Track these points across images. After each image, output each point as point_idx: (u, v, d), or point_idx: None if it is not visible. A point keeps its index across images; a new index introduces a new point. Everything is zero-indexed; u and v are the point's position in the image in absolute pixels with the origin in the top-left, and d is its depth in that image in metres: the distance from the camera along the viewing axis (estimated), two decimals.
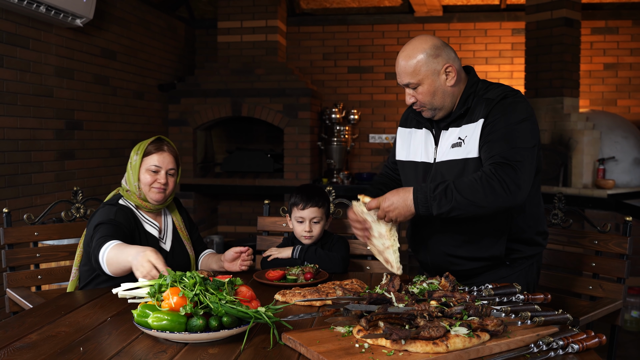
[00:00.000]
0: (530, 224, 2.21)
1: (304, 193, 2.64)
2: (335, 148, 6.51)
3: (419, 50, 2.11)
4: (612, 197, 4.94)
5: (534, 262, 2.28)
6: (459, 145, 2.13)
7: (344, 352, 1.47)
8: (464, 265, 2.22)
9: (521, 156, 1.99)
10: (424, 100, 2.14)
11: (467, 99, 2.15)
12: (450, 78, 2.12)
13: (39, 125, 4.30)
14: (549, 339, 1.53)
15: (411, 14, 6.78)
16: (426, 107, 2.16)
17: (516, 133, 2.03)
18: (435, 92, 2.12)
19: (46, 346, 1.60)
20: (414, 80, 2.11)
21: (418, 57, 2.10)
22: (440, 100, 2.14)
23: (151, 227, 2.41)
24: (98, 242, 2.14)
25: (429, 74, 2.10)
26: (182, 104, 6.41)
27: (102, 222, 2.23)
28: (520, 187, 1.96)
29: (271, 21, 6.45)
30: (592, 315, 2.51)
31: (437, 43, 2.13)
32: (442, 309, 1.61)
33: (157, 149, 2.38)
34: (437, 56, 2.11)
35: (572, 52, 5.48)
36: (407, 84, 2.14)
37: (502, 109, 2.07)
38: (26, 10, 3.95)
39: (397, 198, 2.03)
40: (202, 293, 1.61)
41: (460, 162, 2.12)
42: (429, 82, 2.11)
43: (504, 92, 2.12)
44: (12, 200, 4.01)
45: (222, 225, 7.17)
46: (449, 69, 2.12)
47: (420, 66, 2.10)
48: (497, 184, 1.94)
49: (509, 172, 1.95)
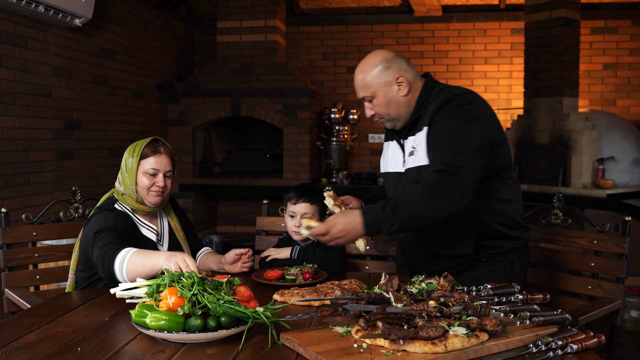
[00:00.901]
0: (499, 220, 2.22)
1: (298, 189, 2.67)
2: (335, 148, 6.51)
3: (371, 64, 2.22)
4: (612, 197, 4.94)
5: (516, 258, 2.28)
6: (413, 154, 2.21)
7: (343, 352, 1.47)
8: (440, 265, 2.26)
9: (461, 161, 2.03)
10: (380, 111, 2.24)
11: (420, 106, 2.22)
12: (403, 88, 2.21)
13: (37, 125, 4.30)
14: (547, 339, 1.53)
15: (410, 14, 6.78)
16: (385, 118, 2.26)
17: (456, 138, 2.07)
18: (390, 102, 2.22)
19: (44, 346, 1.59)
20: (368, 93, 2.22)
21: (370, 70, 2.21)
22: (395, 111, 2.23)
23: (148, 231, 2.39)
24: (108, 251, 2.08)
25: (381, 85, 2.20)
26: (181, 103, 6.41)
27: (103, 229, 2.19)
28: (463, 192, 2.01)
29: (270, 21, 6.45)
30: (591, 315, 2.51)
31: (387, 56, 2.23)
32: (440, 309, 1.61)
33: (153, 152, 2.34)
34: (387, 68, 2.20)
35: (571, 52, 5.48)
36: (364, 98, 2.25)
37: (444, 114, 2.12)
38: (25, 9, 3.95)
39: (345, 221, 2.03)
40: (200, 293, 1.61)
41: (414, 170, 2.20)
42: (382, 93, 2.21)
43: (448, 97, 2.16)
44: (10, 200, 4.01)
45: (221, 225, 7.16)
46: (400, 79, 2.20)
47: (372, 79, 2.20)
48: (440, 192, 1.99)
49: (450, 178, 2.00)
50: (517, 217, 2.28)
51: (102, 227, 2.20)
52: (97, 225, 2.22)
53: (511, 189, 2.26)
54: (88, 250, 2.21)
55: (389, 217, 1.99)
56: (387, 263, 2.99)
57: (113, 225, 2.21)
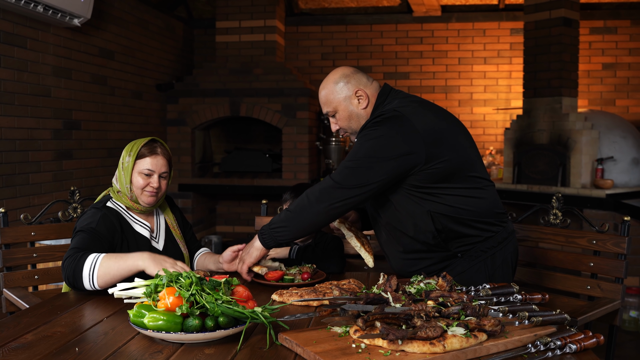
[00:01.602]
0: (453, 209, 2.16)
1: (294, 190, 2.68)
2: (334, 148, 6.51)
3: (331, 81, 2.29)
4: (611, 197, 4.94)
5: (496, 253, 2.23)
6: None
7: (341, 352, 1.46)
8: (416, 265, 2.27)
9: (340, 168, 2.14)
10: (344, 125, 2.31)
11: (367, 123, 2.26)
12: (362, 101, 2.26)
13: (36, 125, 4.29)
14: (546, 339, 1.52)
15: (410, 14, 6.78)
16: (349, 132, 2.33)
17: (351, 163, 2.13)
18: (350, 116, 2.28)
19: (42, 346, 1.59)
20: (330, 108, 2.29)
21: (328, 86, 2.28)
22: (356, 124, 2.29)
23: (141, 228, 2.39)
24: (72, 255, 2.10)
25: (342, 100, 2.27)
26: (181, 103, 6.40)
27: (82, 230, 2.21)
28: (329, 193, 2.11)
29: (269, 21, 6.45)
30: (590, 315, 2.51)
31: (346, 72, 2.29)
32: (439, 309, 1.61)
33: (150, 152, 2.33)
34: (347, 83, 2.27)
35: (570, 52, 5.48)
36: (327, 113, 2.32)
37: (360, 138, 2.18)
38: (24, 9, 3.95)
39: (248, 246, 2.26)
40: (199, 293, 1.61)
41: None
42: (343, 107, 2.28)
43: (375, 118, 2.18)
44: (9, 200, 4.01)
45: (221, 225, 7.16)
46: (359, 92, 2.26)
47: (333, 95, 2.27)
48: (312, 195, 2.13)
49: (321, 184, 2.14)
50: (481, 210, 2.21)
51: (82, 227, 2.23)
52: (80, 224, 2.25)
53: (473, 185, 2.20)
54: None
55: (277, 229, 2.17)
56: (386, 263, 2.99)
57: (93, 228, 2.22)
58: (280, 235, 2.17)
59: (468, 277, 2.21)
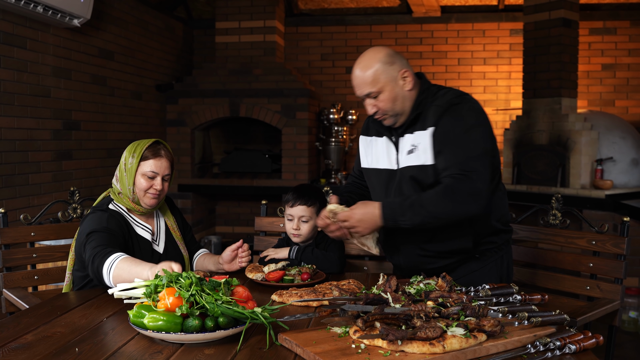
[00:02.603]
0: (495, 216, 2.26)
1: (295, 191, 2.66)
2: (333, 148, 6.51)
3: (375, 60, 2.19)
4: (610, 197, 4.94)
5: (503, 254, 2.32)
6: (413, 152, 2.20)
7: (341, 352, 1.47)
8: (436, 263, 2.27)
9: (476, 164, 2.08)
10: (385, 107, 2.21)
11: (419, 104, 2.21)
12: (408, 82, 2.20)
13: (36, 125, 4.29)
14: (546, 340, 1.53)
15: (409, 15, 6.79)
16: (388, 115, 2.23)
17: (467, 141, 2.10)
18: (396, 98, 2.20)
19: (42, 347, 1.59)
20: (375, 89, 2.19)
21: (375, 65, 2.18)
22: (400, 106, 2.21)
23: (143, 230, 2.39)
24: (98, 253, 2.09)
25: (389, 81, 2.18)
26: (180, 104, 6.40)
27: (95, 230, 2.19)
28: (480, 195, 2.07)
29: (269, 21, 6.45)
30: (590, 315, 2.51)
31: (389, 51, 2.22)
32: (438, 310, 1.61)
33: (154, 154, 2.33)
34: (392, 63, 2.19)
35: (570, 53, 5.48)
36: (368, 94, 2.21)
37: (450, 116, 2.14)
38: (23, 10, 3.95)
39: (364, 212, 2.12)
40: (198, 293, 1.61)
41: (417, 169, 2.19)
42: (389, 88, 2.19)
43: (451, 98, 2.18)
44: (9, 201, 4.00)
45: (220, 225, 7.16)
46: (405, 74, 2.20)
47: (379, 74, 2.18)
48: (460, 196, 2.05)
49: (467, 183, 2.05)
50: (506, 213, 2.34)
51: (94, 228, 2.21)
52: (90, 226, 2.22)
53: (499, 185, 2.32)
54: (81, 250, 2.22)
55: (407, 213, 2.07)
56: (386, 264, 2.99)
57: (105, 227, 2.21)
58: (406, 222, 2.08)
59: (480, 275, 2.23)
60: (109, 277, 2.04)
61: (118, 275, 2.02)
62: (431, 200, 2.07)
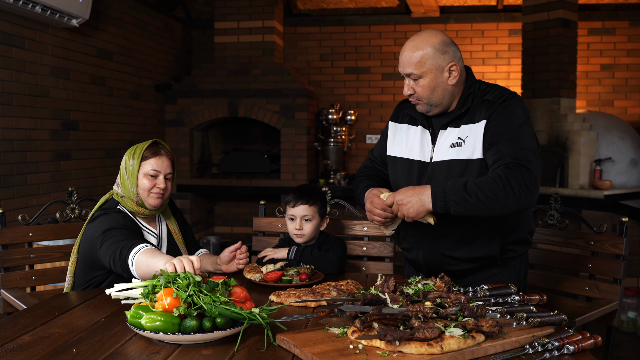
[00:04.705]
0: (522, 223, 2.22)
1: (297, 191, 2.65)
2: (332, 149, 6.51)
3: (428, 44, 2.08)
4: (609, 197, 4.94)
5: (522, 260, 2.31)
6: (459, 146, 2.12)
7: (338, 353, 1.46)
8: (458, 266, 2.22)
9: (531, 157, 2.01)
10: (422, 94, 2.12)
11: (466, 99, 2.15)
12: (453, 77, 2.11)
13: (34, 125, 4.29)
14: (544, 340, 1.52)
15: (408, 15, 6.79)
16: (422, 101, 2.14)
17: (521, 135, 2.05)
18: (436, 88, 2.10)
19: (39, 347, 1.59)
20: (417, 71, 2.09)
21: (426, 49, 2.08)
22: (439, 97, 2.12)
23: (149, 235, 2.40)
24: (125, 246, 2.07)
25: (433, 68, 2.09)
26: (179, 104, 6.40)
27: (113, 227, 2.18)
28: (536, 187, 1.98)
29: (268, 22, 6.45)
30: (588, 316, 2.51)
31: (446, 40, 2.11)
32: (436, 310, 1.61)
33: (154, 153, 2.34)
34: (444, 52, 2.09)
35: (568, 53, 5.48)
36: (409, 74, 2.11)
37: (504, 111, 2.08)
38: (22, 10, 3.94)
39: (411, 192, 1.98)
40: (196, 294, 1.61)
41: (461, 163, 2.11)
42: (432, 76, 2.09)
43: (504, 95, 2.14)
44: (7, 201, 4.00)
45: (219, 226, 7.16)
46: (453, 67, 2.10)
47: (426, 59, 2.08)
48: (516, 185, 1.93)
49: (524, 173, 1.96)
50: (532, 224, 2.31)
51: (111, 225, 2.19)
52: (105, 225, 2.20)
53: None
54: (92, 251, 2.20)
55: (459, 193, 1.92)
56: (385, 264, 2.99)
57: (123, 224, 2.21)
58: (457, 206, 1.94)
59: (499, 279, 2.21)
60: (132, 268, 2.04)
61: (138, 268, 2.02)
62: (487, 185, 1.93)
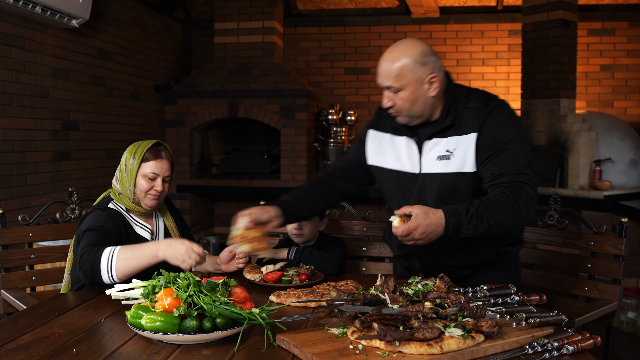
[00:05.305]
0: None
1: None
2: (332, 149, 6.51)
3: (407, 55, 2.02)
4: (609, 198, 4.94)
5: (516, 261, 2.32)
6: (447, 158, 2.07)
7: (338, 353, 1.47)
8: (454, 273, 2.21)
9: (529, 171, 2.02)
10: (402, 106, 2.06)
11: (449, 108, 2.09)
12: (434, 88, 2.05)
13: (34, 126, 4.29)
14: (543, 340, 1.53)
15: (408, 15, 6.79)
16: (403, 113, 2.09)
17: (518, 148, 2.03)
18: (416, 100, 2.05)
19: (39, 347, 1.59)
20: (397, 84, 2.03)
21: (405, 61, 2.02)
22: (420, 109, 2.07)
23: (142, 230, 2.40)
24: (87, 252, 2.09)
25: (413, 81, 2.02)
26: (179, 104, 6.40)
27: (91, 229, 2.20)
28: (537, 201, 2.00)
29: (268, 22, 6.45)
30: (588, 316, 2.51)
31: (426, 50, 2.05)
32: (436, 310, 1.61)
33: (155, 156, 2.34)
34: (424, 64, 2.03)
35: (568, 54, 5.49)
36: (389, 87, 2.06)
37: (494, 123, 2.05)
38: (22, 10, 3.94)
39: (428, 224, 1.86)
40: (196, 294, 1.61)
41: (451, 176, 2.07)
42: (412, 89, 2.03)
43: (490, 102, 2.09)
44: (7, 201, 4.00)
45: (219, 226, 7.16)
46: (433, 79, 2.04)
47: (405, 71, 2.02)
48: (523, 204, 1.93)
49: (528, 191, 1.97)
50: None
51: (90, 226, 2.22)
52: (87, 225, 2.24)
53: None
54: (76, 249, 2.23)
55: (473, 221, 1.88)
56: (385, 264, 3.00)
57: (101, 225, 2.22)
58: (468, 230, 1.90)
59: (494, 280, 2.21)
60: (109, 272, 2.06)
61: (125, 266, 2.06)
62: (496, 206, 1.91)
